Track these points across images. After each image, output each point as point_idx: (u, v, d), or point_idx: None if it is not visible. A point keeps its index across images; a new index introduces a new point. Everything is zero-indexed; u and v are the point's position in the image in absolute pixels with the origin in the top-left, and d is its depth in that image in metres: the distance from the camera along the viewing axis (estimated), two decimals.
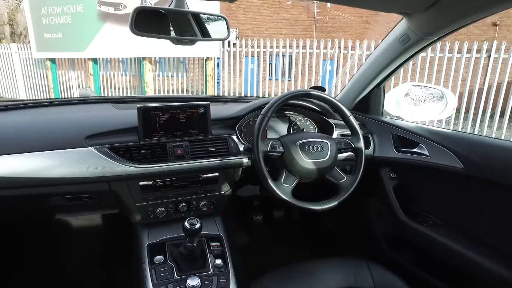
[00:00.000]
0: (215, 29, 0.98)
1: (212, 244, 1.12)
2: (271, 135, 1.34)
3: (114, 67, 7.75)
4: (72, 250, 1.65)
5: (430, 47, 1.22)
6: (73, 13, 6.19)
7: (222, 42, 6.31)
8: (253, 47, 6.60)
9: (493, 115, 5.19)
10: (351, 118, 1.18)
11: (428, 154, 1.19)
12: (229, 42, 6.67)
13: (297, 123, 1.38)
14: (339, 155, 1.16)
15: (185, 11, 0.88)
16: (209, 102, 1.14)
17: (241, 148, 1.18)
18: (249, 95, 6.96)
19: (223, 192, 1.22)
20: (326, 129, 1.37)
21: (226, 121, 1.24)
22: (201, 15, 0.94)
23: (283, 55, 6.63)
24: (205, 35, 0.96)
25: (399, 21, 1.11)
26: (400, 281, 1.05)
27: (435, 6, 0.90)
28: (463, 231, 1.15)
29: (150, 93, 6.64)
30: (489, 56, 5.10)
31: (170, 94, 7.29)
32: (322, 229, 1.92)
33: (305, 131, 1.37)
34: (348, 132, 1.23)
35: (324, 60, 6.25)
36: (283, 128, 1.37)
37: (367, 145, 1.33)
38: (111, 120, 1.13)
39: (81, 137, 1.03)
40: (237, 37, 9.45)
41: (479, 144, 1.10)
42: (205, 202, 1.20)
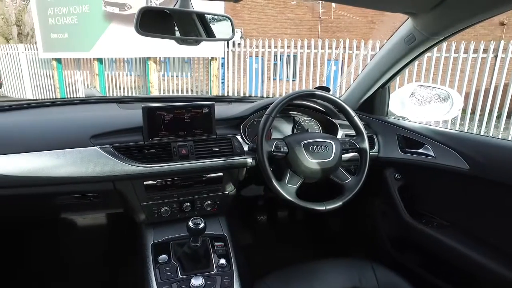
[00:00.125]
0: (220, 29, 0.98)
1: (216, 244, 1.13)
2: (275, 135, 1.34)
3: (119, 67, 7.80)
4: (77, 249, 1.66)
5: (436, 47, 1.21)
6: (79, 13, 6.24)
7: (226, 42, 6.33)
8: (257, 47, 6.60)
9: (499, 115, 5.14)
10: (356, 119, 1.17)
11: (433, 155, 1.19)
12: (233, 42, 6.67)
13: (302, 123, 1.38)
14: (343, 155, 1.16)
15: (190, 11, 0.88)
16: (213, 102, 1.14)
17: (246, 148, 1.18)
18: (253, 95, 6.96)
19: (227, 192, 1.22)
20: (330, 129, 1.37)
21: (231, 121, 1.24)
22: (206, 15, 0.94)
23: (288, 55, 6.62)
24: (210, 35, 0.96)
25: (404, 21, 1.10)
26: (405, 282, 1.04)
27: (441, 6, 0.89)
28: (469, 232, 1.14)
29: (155, 93, 6.66)
30: (496, 56, 5.05)
31: (175, 94, 7.32)
32: (326, 230, 1.91)
33: (309, 131, 1.37)
34: (352, 132, 1.23)
35: (329, 60, 6.24)
36: (287, 128, 1.37)
37: (371, 146, 1.33)
38: (116, 120, 1.14)
39: (87, 136, 1.03)
40: (241, 37, 9.45)
41: (485, 145, 1.09)
42: (209, 202, 1.20)
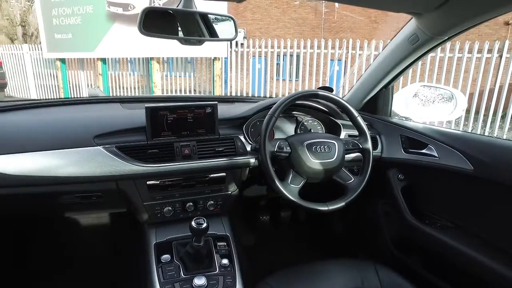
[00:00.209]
0: (223, 29, 0.98)
1: (218, 243, 1.13)
2: (278, 135, 1.34)
3: (123, 67, 7.82)
4: (80, 248, 1.67)
5: (440, 47, 1.20)
6: (83, 14, 6.27)
7: (229, 42, 6.33)
8: (260, 47, 6.60)
9: (504, 115, 5.10)
10: (359, 119, 1.17)
11: (437, 156, 1.18)
12: (236, 42, 6.68)
13: (305, 123, 1.38)
14: (346, 155, 1.16)
15: (193, 12, 0.88)
16: (216, 102, 1.14)
17: (248, 148, 1.18)
18: (256, 95, 6.96)
19: (230, 192, 1.22)
20: (333, 129, 1.36)
21: (234, 121, 1.24)
22: (209, 15, 0.94)
23: (291, 55, 6.62)
24: (213, 35, 0.96)
25: (408, 21, 1.10)
26: (408, 283, 1.04)
27: (445, 5, 0.88)
28: (473, 234, 1.13)
29: (158, 93, 6.68)
30: (500, 56, 5.01)
31: (178, 94, 7.33)
32: (329, 230, 1.91)
33: (312, 131, 1.36)
34: (355, 132, 1.22)
35: (332, 60, 6.22)
36: (290, 129, 1.37)
37: (375, 146, 1.32)
38: (119, 120, 1.15)
39: (90, 136, 1.04)
40: (244, 37, 9.46)
41: (489, 145, 1.08)
42: (212, 202, 1.20)
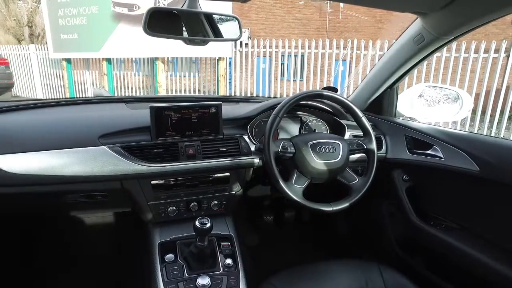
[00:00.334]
0: (227, 29, 0.98)
1: (222, 243, 1.13)
2: (282, 135, 1.34)
3: (128, 67, 7.86)
4: (84, 246, 1.68)
5: (446, 47, 1.19)
6: (88, 14, 6.31)
7: (234, 42, 6.34)
8: (265, 47, 6.60)
9: (511, 116, 5.05)
10: (364, 119, 1.17)
11: (442, 156, 1.17)
12: (241, 42, 6.68)
13: (309, 123, 1.38)
14: (351, 156, 1.15)
15: (197, 12, 0.89)
16: (220, 102, 1.14)
17: (253, 148, 1.18)
18: (260, 95, 6.96)
19: (234, 192, 1.22)
20: (338, 130, 1.36)
21: (238, 121, 1.24)
22: (213, 15, 0.94)
23: (295, 55, 6.61)
24: (217, 35, 0.96)
25: (413, 20, 1.09)
26: (412, 284, 1.03)
27: (451, 5, 0.88)
28: (479, 235, 1.12)
29: (162, 93, 6.71)
30: (508, 56, 4.96)
31: (182, 94, 7.35)
32: (333, 231, 1.90)
33: (316, 131, 1.36)
34: (360, 133, 1.22)
35: (337, 60, 6.20)
36: (294, 129, 1.37)
37: (379, 147, 1.32)
38: (124, 120, 1.15)
39: (95, 136, 1.04)
40: (249, 37, 9.47)
41: (496, 146, 1.07)
42: (216, 202, 1.21)
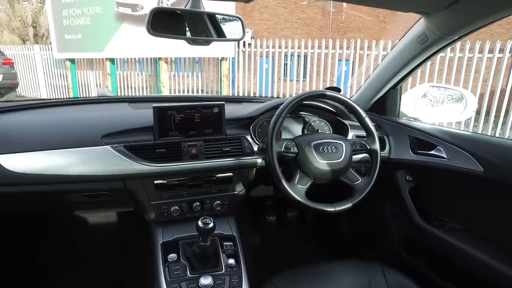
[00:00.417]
0: (230, 29, 0.98)
1: (225, 243, 1.13)
2: (285, 135, 1.34)
3: (131, 67, 7.88)
4: (87, 246, 1.69)
5: (450, 47, 1.18)
6: (92, 14, 6.34)
7: (237, 42, 6.34)
8: (268, 47, 6.59)
9: None
10: (367, 119, 1.16)
11: (446, 157, 1.16)
12: (244, 42, 6.68)
13: (312, 123, 1.37)
14: (354, 156, 1.15)
15: (200, 12, 0.89)
16: (223, 102, 1.14)
17: (255, 148, 1.18)
18: (263, 95, 6.95)
19: (236, 192, 1.22)
20: (341, 130, 1.36)
21: (241, 121, 1.25)
22: (216, 15, 0.94)
23: (298, 56, 6.60)
24: (220, 35, 0.96)
25: (417, 20, 1.09)
26: (415, 285, 1.02)
27: (455, 5, 0.87)
28: (482, 236, 1.11)
29: (165, 92, 6.72)
30: None
31: (186, 94, 7.37)
32: (335, 231, 1.90)
33: (319, 132, 1.36)
34: (363, 133, 1.21)
35: (340, 60, 6.18)
36: (297, 129, 1.36)
37: (382, 147, 1.31)
38: (127, 120, 1.16)
39: (98, 136, 1.05)
40: (252, 37, 9.46)
41: (500, 147, 1.06)
42: (219, 202, 1.21)
